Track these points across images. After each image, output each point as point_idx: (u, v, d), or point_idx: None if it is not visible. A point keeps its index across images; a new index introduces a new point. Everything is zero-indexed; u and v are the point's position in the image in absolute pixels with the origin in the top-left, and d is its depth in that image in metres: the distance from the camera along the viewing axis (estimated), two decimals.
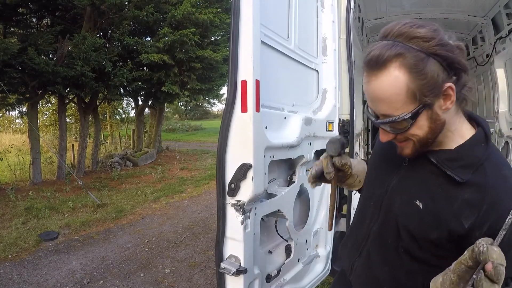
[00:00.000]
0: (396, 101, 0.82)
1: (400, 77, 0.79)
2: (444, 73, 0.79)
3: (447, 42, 0.79)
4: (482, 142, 0.89)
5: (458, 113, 0.89)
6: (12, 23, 8.50)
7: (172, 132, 27.37)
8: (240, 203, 1.37)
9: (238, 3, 1.33)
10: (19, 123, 18.45)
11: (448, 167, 0.88)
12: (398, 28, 0.80)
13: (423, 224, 0.90)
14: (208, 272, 3.97)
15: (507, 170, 0.86)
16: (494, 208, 0.80)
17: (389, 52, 0.79)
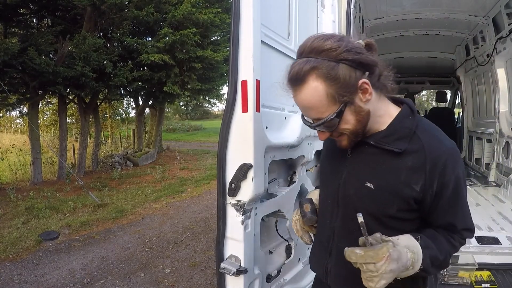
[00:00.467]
0: (321, 106, 0.94)
1: (318, 86, 0.91)
2: (356, 72, 0.92)
3: (352, 47, 0.91)
4: (409, 115, 1.02)
5: (381, 99, 1.01)
6: (13, 24, 8.51)
7: (173, 132, 27.37)
8: (240, 203, 1.37)
9: (238, 3, 1.33)
10: (19, 123, 18.48)
11: (385, 143, 0.99)
12: (309, 45, 0.93)
13: (380, 202, 1.00)
14: (208, 272, 3.97)
15: (437, 133, 1.00)
16: (437, 166, 0.93)
17: (305, 68, 0.91)
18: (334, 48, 0.90)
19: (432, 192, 0.96)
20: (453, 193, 0.97)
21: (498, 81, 4.02)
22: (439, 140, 0.97)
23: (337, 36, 0.94)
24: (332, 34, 0.94)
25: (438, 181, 0.94)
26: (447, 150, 0.95)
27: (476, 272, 1.95)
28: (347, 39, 0.94)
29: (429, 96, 28.61)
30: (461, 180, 0.98)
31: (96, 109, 10.96)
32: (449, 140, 0.99)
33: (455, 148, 0.98)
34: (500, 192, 3.52)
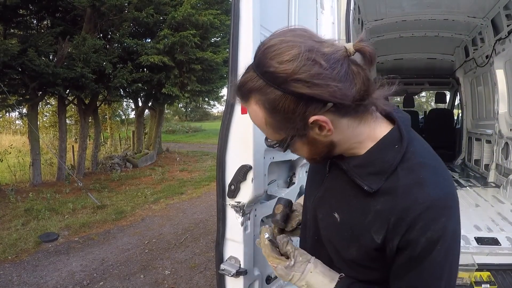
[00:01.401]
0: (264, 130, 0.80)
1: (258, 111, 0.75)
2: (307, 107, 0.71)
3: (308, 74, 0.67)
4: (396, 143, 0.78)
5: (364, 123, 0.79)
6: (12, 25, 8.52)
7: (172, 134, 27.36)
8: (240, 205, 1.37)
9: (238, 5, 1.34)
10: (19, 124, 18.45)
11: (357, 175, 0.80)
12: (259, 55, 0.73)
13: (342, 238, 0.84)
14: (208, 273, 3.97)
15: (427, 174, 0.75)
16: (403, 220, 0.72)
17: (248, 86, 0.74)
18: (280, 73, 0.68)
19: (392, 246, 0.75)
20: (416, 258, 0.73)
21: (497, 82, 4.02)
22: (422, 186, 0.72)
23: (301, 47, 0.68)
24: (290, 45, 0.69)
25: (402, 237, 0.73)
26: (427, 202, 0.71)
27: (475, 272, 1.95)
28: (312, 56, 0.68)
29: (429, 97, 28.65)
30: (435, 245, 0.71)
31: (95, 110, 10.96)
32: (442, 187, 0.74)
33: (442, 200, 0.72)
34: (499, 193, 3.53)
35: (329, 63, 0.69)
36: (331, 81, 0.68)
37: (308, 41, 0.70)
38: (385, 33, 4.81)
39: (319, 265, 0.91)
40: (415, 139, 0.81)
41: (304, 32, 0.74)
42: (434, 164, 0.78)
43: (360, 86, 0.73)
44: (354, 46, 0.73)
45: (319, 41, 0.72)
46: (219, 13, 10.34)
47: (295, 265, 0.91)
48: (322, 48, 0.70)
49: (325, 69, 0.68)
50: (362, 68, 0.75)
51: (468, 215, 2.88)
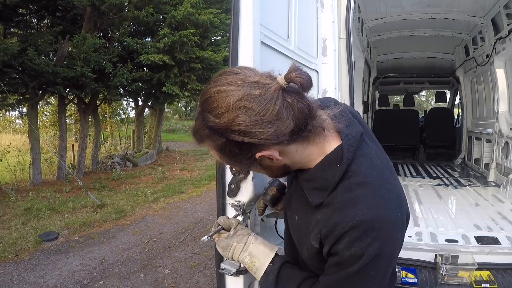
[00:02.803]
0: (224, 163, 0.91)
1: (213, 152, 0.84)
2: (250, 148, 0.77)
3: (241, 125, 0.72)
4: (337, 162, 0.82)
5: (313, 143, 0.83)
6: (12, 24, 8.52)
7: (172, 133, 27.36)
8: (240, 204, 1.37)
9: (237, 4, 1.33)
10: (19, 123, 18.46)
11: (305, 188, 0.87)
12: (201, 105, 0.78)
13: (298, 238, 0.95)
14: (208, 272, 3.97)
15: (362, 192, 0.78)
16: (331, 235, 0.78)
17: (199, 134, 0.81)
18: (218, 126, 0.74)
19: (324, 252, 0.83)
20: (340, 265, 0.79)
21: (498, 81, 4.02)
22: (355, 205, 0.76)
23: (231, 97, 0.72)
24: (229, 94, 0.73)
25: (331, 247, 0.79)
26: (353, 222, 0.74)
27: (475, 272, 1.96)
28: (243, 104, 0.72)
29: (429, 96, 28.64)
30: (358, 260, 0.75)
31: (95, 110, 10.96)
32: (375, 208, 0.76)
33: (370, 222, 0.74)
34: (499, 192, 3.53)
35: (261, 106, 0.72)
36: (265, 124, 0.73)
37: (240, 88, 0.73)
38: (385, 32, 4.80)
39: (259, 238, 1.05)
40: (364, 155, 0.84)
41: (238, 75, 0.76)
42: (376, 183, 0.80)
43: (298, 116, 0.76)
44: (285, 78, 0.76)
45: (252, 81, 0.75)
46: (219, 12, 10.34)
47: (235, 236, 1.04)
48: (253, 91, 0.73)
49: (257, 114, 0.72)
50: (300, 96, 0.78)
51: (468, 214, 2.88)
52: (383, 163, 0.86)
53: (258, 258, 1.00)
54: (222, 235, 1.08)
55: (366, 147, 0.86)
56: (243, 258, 1.02)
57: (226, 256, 1.07)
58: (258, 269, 0.99)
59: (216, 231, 1.09)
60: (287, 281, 0.94)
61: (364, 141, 0.87)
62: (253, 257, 1.00)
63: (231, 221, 1.10)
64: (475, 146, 5.11)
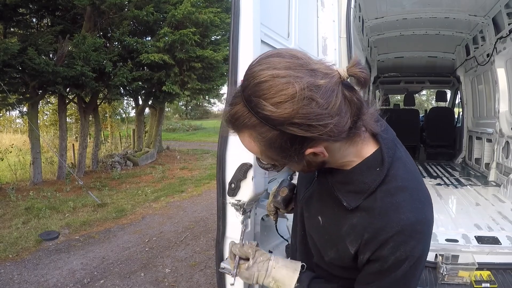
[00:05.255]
0: (256, 154, 0.81)
1: (253, 144, 0.75)
2: (304, 142, 0.71)
3: (305, 118, 0.66)
4: (377, 166, 0.80)
5: (353, 144, 0.81)
6: (12, 23, 8.50)
7: (173, 132, 27.36)
8: (240, 203, 1.37)
9: (238, 3, 1.33)
10: (19, 123, 18.45)
11: (338, 190, 0.84)
12: (250, 89, 0.68)
13: (323, 240, 0.91)
14: (208, 271, 3.97)
15: (403, 197, 0.77)
16: (375, 239, 0.76)
17: (241, 122, 0.72)
18: (276, 117, 0.66)
19: (363, 258, 0.80)
20: (383, 272, 0.78)
21: (498, 80, 4.01)
22: (398, 210, 0.76)
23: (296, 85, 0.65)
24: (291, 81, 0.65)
25: (373, 253, 0.78)
26: (399, 226, 0.75)
27: (476, 271, 1.95)
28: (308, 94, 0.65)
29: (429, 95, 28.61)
30: (402, 263, 0.76)
31: (96, 109, 10.95)
32: (417, 213, 0.77)
33: (414, 226, 0.75)
34: (500, 191, 3.52)
35: (324, 98, 0.67)
36: (327, 119, 0.68)
37: (302, 74, 0.67)
38: (385, 31, 4.79)
39: (280, 260, 0.99)
40: (399, 159, 0.82)
41: (296, 59, 0.69)
42: (413, 187, 0.80)
43: (354, 111, 0.74)
44: (347, 71, 0.73)
45: (313, 68, 0.69)
46: (219, 11, 10.31)
47: (255, 264, 0.99)
48: (318, 81, 0.67)
49: (321, 107, 0.67)
50: (354, 92, 0.75)
51: (469, 214, 2.88)
52: (414, 167, 0.86)
53: (283, 283, 0.96)
54: (242, 266, 1.01)
55: (399, 151, 0.85)
56: (268, 283, 0.98)
57: (251, 283, 1.03)
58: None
59: (237, 264, 1.02)
60: None
61: (396, 145, 0.86)
62: (278, 282, 0.96)
63: (247, 250, 1.02)
64: (475, 146, 5.11)
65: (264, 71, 0.67)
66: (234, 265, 1.02)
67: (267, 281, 0.97)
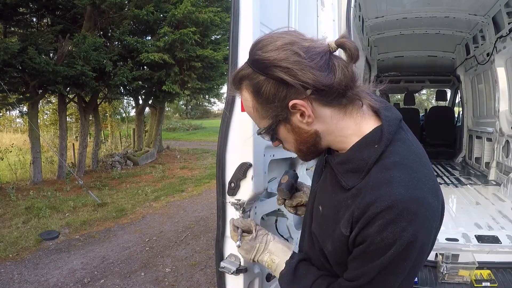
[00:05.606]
0: (254, 117, 0.87)
1: (247, 97, 0.83)
2: (287, 90, 0.77)
3: (287, 62, 0.74)
4: (375, 143, 0.78)
5: (349, 116, 0.81)
6: (13, 23, 8.51)
7: (173, 131, 27.37)
8: (240, 202, 1.37)
9: (237, 2, 1.33)
10: (19, 122, 18.48)
11: (338, 172, 0.83)
12: (251, 48, 0.81)
13: (322, 231, 0.87)
14: (208, 271, 3.98)
15: (399, 172, 0.72)
16: (364, 214, 0.71)
17: (240, 74, 0.83)
18: (264, 60, 0.77)
19: (353, 241, 0.76)
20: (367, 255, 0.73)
21: (498, 80, 4.01)
22: (391, 184, 0.70)
23: (284, 40, 0.77)
24: (280, 37, 0.78)
25: (360, 231, 0.72)
26: (389, 201, 0.68)
27: (476, 270, 1.95)
28: (293, 47, 0.76)
29: (429, 95, 28.60)
30: (389, 248, 0.69)
31: (96, 108, 10.96)
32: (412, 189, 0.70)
33: (406, 203, 0.68)
34: (500, 191, 3.52)
35: (308, 55, 0.75)
36: (308, 68, 0.75)
37: (292, 37, 0.78)
38: (385, 31, 4.79)
39: (276, 237, 1.09)
40: (401, 140, 0.80)
41: (294, 32, 0.82)
42: (413, 166, 0.74)
43: (340, 77, 0.76)
44: (335, 41, 0.79)
45: (304, 38, 0.79)
46: (219, 11, 10.31)
47: (257, 237, 1.07)
48: (303, 43, 0.77)
49: (303, 59, 0.75)
50: (344, 62, 0.79)
51: (469, 213, 2.88)
52: (420, 150, 0.81)
53: (277, 255, 1.01)
54: (245, 238, 1.08)
55: (404, 133, 0.82)
56: (263, 257, 1.04)
57: (248, 258, 1.07)
58: (278, 266, 0.99)
59: (240, 235, 1.09)
60: (303, 276, 0.92)
61: (401, 127, 0.83)
62: (273, 255, 1.02)
63: (249, 222, 1.11)
64: (475, 145, 5.11)
65: (263, 36, 0.82)
66: (237, 237, 1.08)
67: (263, 254, 1.04)
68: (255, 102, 0.82)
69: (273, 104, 0.79)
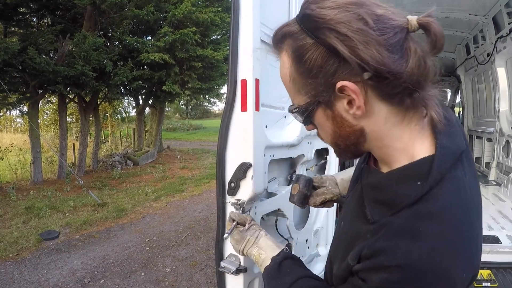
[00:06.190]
0: (288, 88, 0.70)
1: (286, 62, 0.66)
2: (339, 65, 0.59)
3: (346, 26, 0.56)
4: (419, 179, 0.60)
5: (405, 124, 0.64)
6: (13, 23, 8.52)
7: (173, 131, 27.39)
8: (240, 202, 1.37)
9: (238, 2, 1.33)
10: (19, 122, 18.49)
11: (367, 196, 0.69)
12: (305, 0, 0.63)
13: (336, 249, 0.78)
14: (208, 271, 3.98)
15: (430, 229, 0.56)
16: (371, 258, 0.60)
17: (283, 31, 0.65)
18: (317, 17, 0.59)
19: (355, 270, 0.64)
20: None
21: (499, 80, 4.01)
22: (414, 240, 0.56)
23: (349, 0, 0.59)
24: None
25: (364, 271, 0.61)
26: (403, 260, 0.55)
27: None
28: (360, 10, 0.57)
29: None
30: None
31: (96, 108, 10.97)
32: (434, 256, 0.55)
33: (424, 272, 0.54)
34: (500, 191, 3.52)
35: (378, 25, 0.57)
36: (374, 43, 0.56)
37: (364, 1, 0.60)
38: None
39: (269, 235, 1.08)
40: (453, 180, 0.60)
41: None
42: (453, 223, 0.57)
43: (413, 67, 0.58)
44: (418, 19, 0.62)
45: (377, 3, 0.61)
46: (219, 11, 10.32)
47: (249, 230, 1.08)
48: (376, 9, 0.59)
49: (371, 29, 0.57)
50: (422, 50, 0.60)
51: None
52: (473, 201, 0.63)
53: (265, 250, 1.01)
54: (237, 229, 1.11)
55: (461, 170, 0.63)
56: (251, 250, 1.04)
57: (237, 249, 1.08)
58: (264, 261, 0.99)
59: (233, 227, 1.12)
60: (286, 274, 0.91)
61: (461, 161, 0.64)
62: (261, 249, 1.02)
63: (245, 216, 1.14)
64: (476, 145, 5.10)
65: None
66: (231, 227, 1.11)
67: (253, 248, 1.04)
68: (293, 70, 0.65)
69: (316, 79, 0.62)
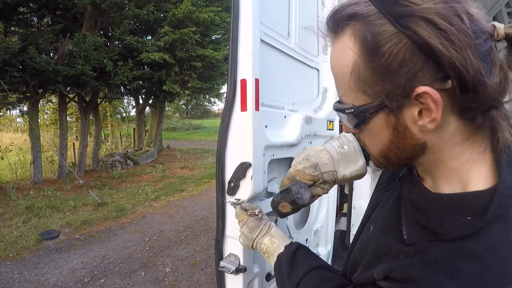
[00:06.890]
0: (342, 83, 0.57)
1: (348, 50, 0.53)
2: (422, 65, 0.48)
3: (445, 21, 0.46)
4: (470, 213, 0.52)
5: (471, 144, 0.55)
6: (13, 22, 8.51)
7: (173, 131, 27.41)
8: (239, 202, 1.37)
9: (237, 2, 1.33)
10: (19, 122, 18.50)
11: (406, 213, 0.61)
12: None
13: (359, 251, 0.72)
14: (208, 271, 3.98)
15: (471, 270, 0.49)
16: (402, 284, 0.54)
17: (350, 10, 0.53)
18: (408, 2, 0.47)
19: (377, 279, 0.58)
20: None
21: None
22: (450, 277, 0.50)
23: None
24: None
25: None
26: None
27: None
28: (456, 6, 0.48)
29: None
30: None
31: (96, 108, 10.97)
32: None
33: None
34: None
35: (472, 26, 0.48)
36: (469, 48, 0.47)
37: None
38: None
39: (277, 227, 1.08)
40: (505, 221, 0.52)
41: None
42: (492, 268, 0.50)
43: (496, 81, 0.50)
44: (505, 28, 0.51)
45: (469, 2, 0.52)
46: (219, 11, 10.32)
47: (263, 219, 1.08)
48: (470, 7, 0.50)
49: (468, 29, 0.47)
50: (502, 64, 0.52)
51: None
52: None
53: (278, 239, 1.00)
54: (252, 216, 1.10)
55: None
56: (263, 239, 1.02)
57: (250, 238, 1.05)
58: (278, 247, 0.97)
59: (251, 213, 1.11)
60: (299, 263, 0.88)
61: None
62: (274, 238, 1.01)
63: (256, 206, 1.14)
64: None
65: None
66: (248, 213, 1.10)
67: (265, 237, 1.02)
68: (361, 62, 0.52)
69: (392, 78, 0.50)
